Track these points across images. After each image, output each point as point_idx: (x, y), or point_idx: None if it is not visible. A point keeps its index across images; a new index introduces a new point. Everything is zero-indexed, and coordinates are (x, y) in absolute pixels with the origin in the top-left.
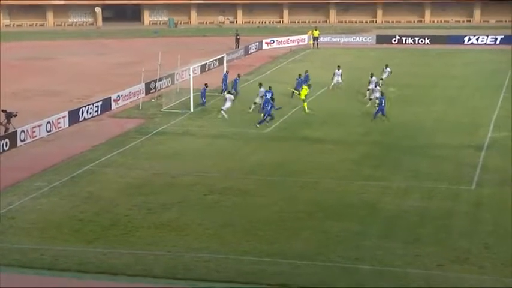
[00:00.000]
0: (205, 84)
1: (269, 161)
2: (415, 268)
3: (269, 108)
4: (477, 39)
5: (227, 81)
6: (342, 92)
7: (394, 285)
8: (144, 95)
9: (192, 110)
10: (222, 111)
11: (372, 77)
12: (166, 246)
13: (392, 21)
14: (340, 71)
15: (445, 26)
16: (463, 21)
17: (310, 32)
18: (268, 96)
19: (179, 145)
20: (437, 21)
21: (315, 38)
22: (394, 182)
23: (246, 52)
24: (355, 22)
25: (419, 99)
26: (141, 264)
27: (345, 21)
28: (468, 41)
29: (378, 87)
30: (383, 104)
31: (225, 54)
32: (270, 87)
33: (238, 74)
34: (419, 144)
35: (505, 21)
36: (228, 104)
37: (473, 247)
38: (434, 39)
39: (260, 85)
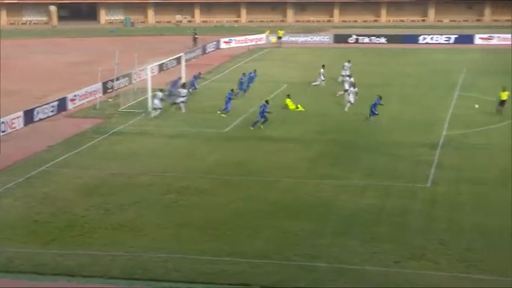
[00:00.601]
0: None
1: (228, 161)
2: (373, 265)
3: (262, 111)
4: (432, 39)
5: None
6: (301, 90)
7: (352, 283)
8: (101, 94)
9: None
10: (154, 110)
11: (349, 77)
12: (124, 246)
13: (349, 21)
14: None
15: (401, 26)
16: (418, 21)
17: (268, 31)
18: (263, 101)
19: (137, 145)
20: (393, 21)
21: (279, 37)
22: (351, 180)
23: (204, 51)
24: (313, 21)
25: (371, 99)
26: (98, 265)
27: (303, 21)
28: (423, 40)
29: (352, 88)
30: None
31: (183, 54)
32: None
33: (200, 73)
34: (375, 142)
35: (459, 20)
36: (156, 102)
37: (429, 244)
38: (390, 39)
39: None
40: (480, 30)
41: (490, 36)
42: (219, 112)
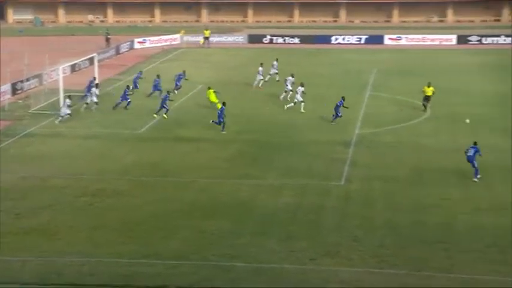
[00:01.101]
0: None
1: (143, 162)
2: (290, 264)
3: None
4: (343, 39)
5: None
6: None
7: (270, 282)
8: (10, 96)
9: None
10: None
11: (292, 76)
12: (37, 251)
13: (263, 21)
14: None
15: (313, 26)
16: (330, 21)
17: (183, 31)
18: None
19: (49, 147)
20: (306, 21)
21: (206, 38)
22: (267, 180)
23: (118, 52)
24: (227, 21)
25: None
26: (8, 270)
27: (217, 21)
28: (335, 40)
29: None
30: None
31: (95, 54)
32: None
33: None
34: (291, 141)
35: (369, 21)
36: (64, 110)
37: (343, 240)
38: (303, 39)
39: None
40: (389, 30)
41: (398, 36)
42: (157, 115)
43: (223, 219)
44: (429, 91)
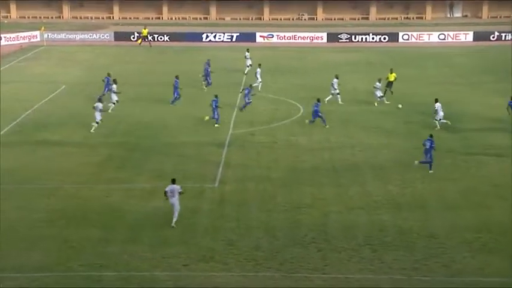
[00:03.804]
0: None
1: (1, 168)
2: (162, 270)
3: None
4: (214, 37)
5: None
6: (80, 91)
7: None
8: None
9: None
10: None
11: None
12: None
13: (130, 18)
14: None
15: (183, 23)
16: (200, 18)
17: (43, 28)
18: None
19: None
20: (175, 18)
21: (145, 37)
22: (138, 184)
23: None
24: (91, 18)
25: (160, 98)
26: None
27: (81, 17)
28: (206, 38)
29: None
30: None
31: None
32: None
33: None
34: (162, 143)
35: (239, 18)
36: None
37: (218, 245)
38: (173, 37)
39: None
40: (261, 28)
41: (270, 34)
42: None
43: (92, 226)
44: (392, 77)
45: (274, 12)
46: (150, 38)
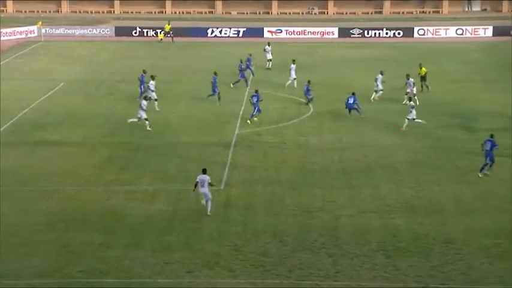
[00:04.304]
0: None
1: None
2: (165, 277)
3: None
4: (220, 32)
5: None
6: (79, 88)
7: None
8: None
9: None
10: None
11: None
12: None
13: (132, 12)
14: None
15: (187, 18)
16: (205, 13)
17: (40, 23)
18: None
19: None
20: (179, 13)
21: (167, 33)
22: (140, 186)
23: None
24: (91, 12)
25: (163, 96)
26: None
27: (80, 11)
28: (211, 33)
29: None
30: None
31: None
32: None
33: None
34: (165, 144)
35: (246, 12)
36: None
37: (223, 250)
38: (176, 32)
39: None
40: (269, 23)
41: (278, 29)
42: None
43: (92, 230)
44: (423, 71)
45: (282, 6)
46: (171, 33)
